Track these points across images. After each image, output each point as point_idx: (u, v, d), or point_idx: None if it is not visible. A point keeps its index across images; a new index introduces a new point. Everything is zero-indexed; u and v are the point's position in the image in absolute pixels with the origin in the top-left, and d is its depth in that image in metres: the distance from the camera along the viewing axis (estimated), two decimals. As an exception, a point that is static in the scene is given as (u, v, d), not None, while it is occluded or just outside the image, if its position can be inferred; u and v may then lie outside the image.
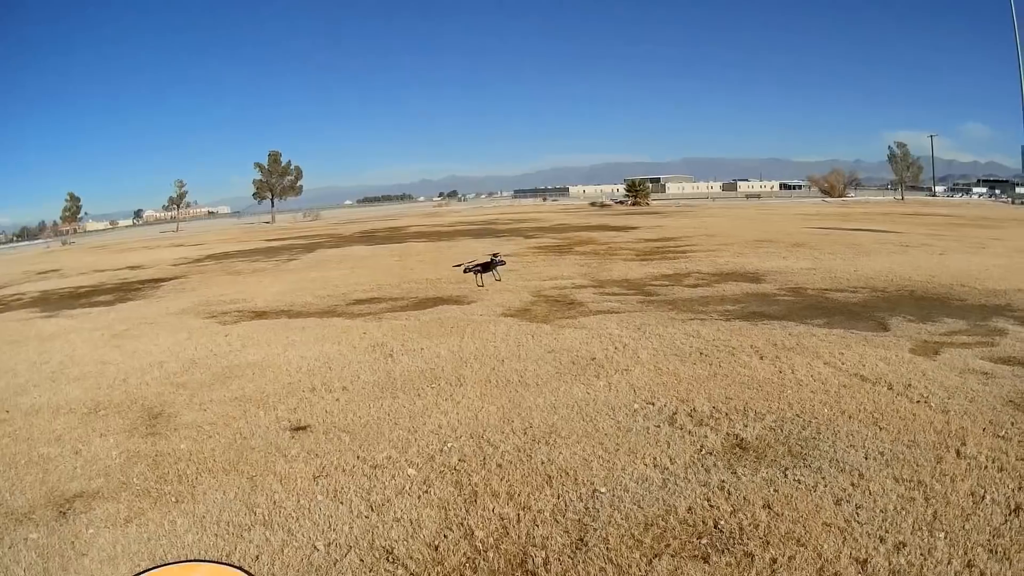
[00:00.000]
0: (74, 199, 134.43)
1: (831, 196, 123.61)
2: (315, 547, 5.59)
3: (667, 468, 6.62)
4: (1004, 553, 5.06)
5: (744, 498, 5.92)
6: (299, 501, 6.46)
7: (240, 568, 1.64)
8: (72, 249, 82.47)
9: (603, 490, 6.24)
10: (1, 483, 7.50)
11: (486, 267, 19.81)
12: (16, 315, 21.49)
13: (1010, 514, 5.60)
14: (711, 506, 5.84)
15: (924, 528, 5.38)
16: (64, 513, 6.61)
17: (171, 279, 28.64)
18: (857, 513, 5.63)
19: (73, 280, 33.09)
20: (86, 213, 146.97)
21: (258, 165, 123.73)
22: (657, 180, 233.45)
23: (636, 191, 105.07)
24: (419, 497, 6.35)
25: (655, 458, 6.87)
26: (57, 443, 8.61)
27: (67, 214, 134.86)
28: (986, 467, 6.44)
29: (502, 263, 19.94)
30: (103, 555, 5.75)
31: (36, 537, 6.16)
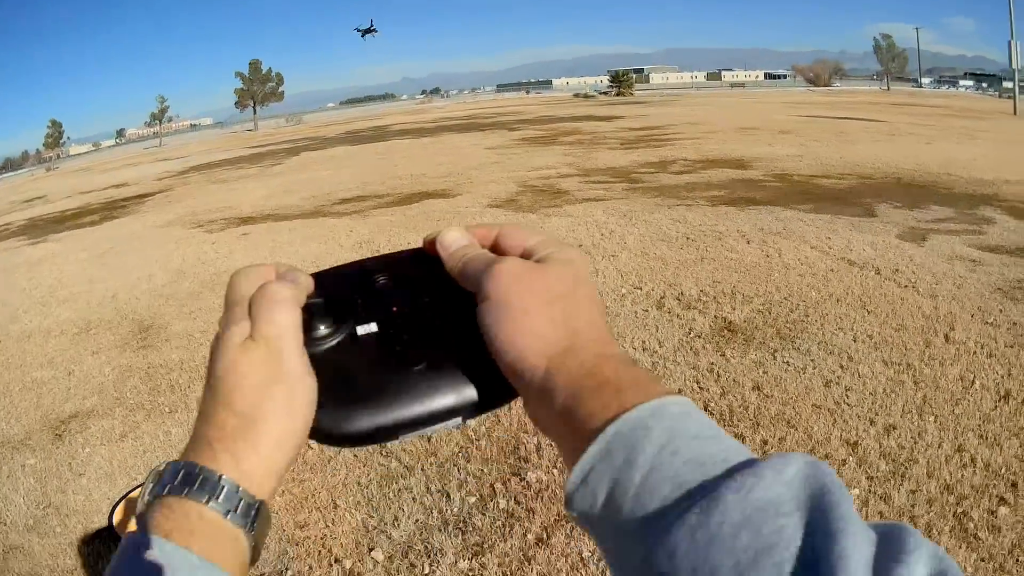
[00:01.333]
0: (56, 125, 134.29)
1: (816, 85, 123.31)
2: (309, 445, 5.54)
3: (656, 351, 6.61)
4: (995, 439, 5.03)
5: (733, 380, 5.89)
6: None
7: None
8: (56, 174, 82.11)
9: None
10: None
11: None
12: (4, 245, 21.30)
13: (999, 400, 5.57)
14: (700, 388, 5.82)
15: (914, 411, 5.35)
16: (60, 435, 6.65)
17: (156, 193, 28.33)
18: (847, 395, 5.60)
19: (59, 204, 32.78)
20: (68, 138, 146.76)
21: (239, 74, 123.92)
22: (641, 71, 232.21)
23: (620, 82, 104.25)
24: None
25: (644, 341, 6.86)
26: (50, 366, 8.61)
27: (49, 140, 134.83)
28: (975, 353, 6.41)
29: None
30: (100, 472, 5.78)
31: (33, 463, 6.18)
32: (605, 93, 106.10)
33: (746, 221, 11.77)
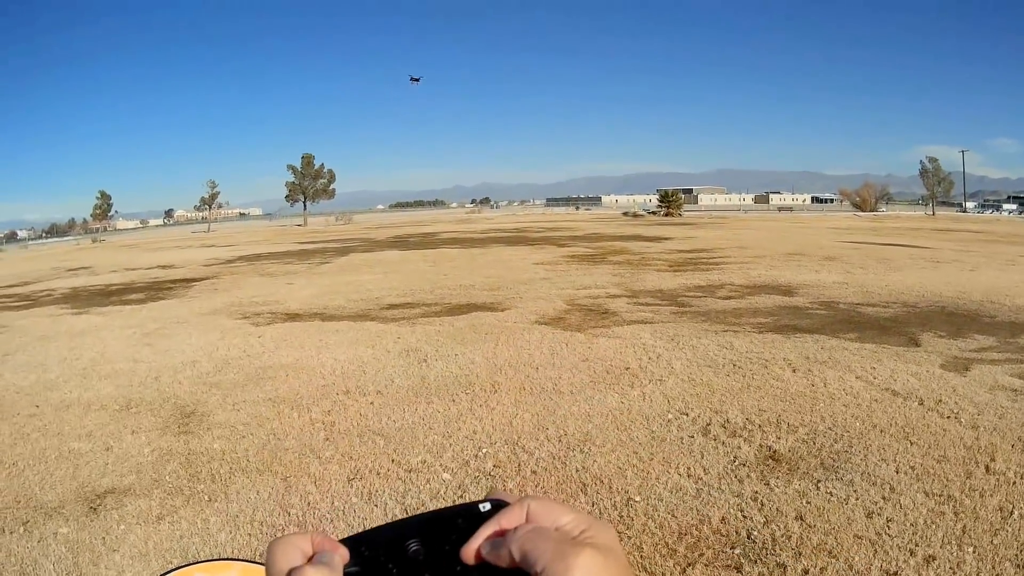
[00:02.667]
0: (105, 197, 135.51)
1: (862, 210, 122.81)
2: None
3: (701, 478, 6.65)
4: (1032, 568, 5.09)
5: (777, 509, 5.95)
6: (333, 503, 6.54)
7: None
8: (102, 247, 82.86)
9: (638, 499, 6.28)
10: (31, 476, 7.58)
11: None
12: (46, 311, 21.58)
13: (1038, 530, 5.61)
14: (744, 516, 5.87)
15: (953, 542, 5.41)
16: (95, 509, 6.66)
17: (203, 279, 28.71)
18: (888, 526, 5.66)
19: (104, 277, 33.25)
20: (116, 211, 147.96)
21: (291, 167, 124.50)
22: (690, 191, 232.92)
23: (668, 201, 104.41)
24: (453, 502, 6.34)
25: (689, 468, 6.90)
26: (88, 439, 8.67)
27: (98, 211, 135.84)
28: (1015, 483, 6.46)
29: None
30: (134, 551, 5.82)
31: (66, 532, 6.22)
32: (654, 212, 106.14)
33: (792, 349, 11.83)
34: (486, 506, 0.86)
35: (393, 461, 7.43)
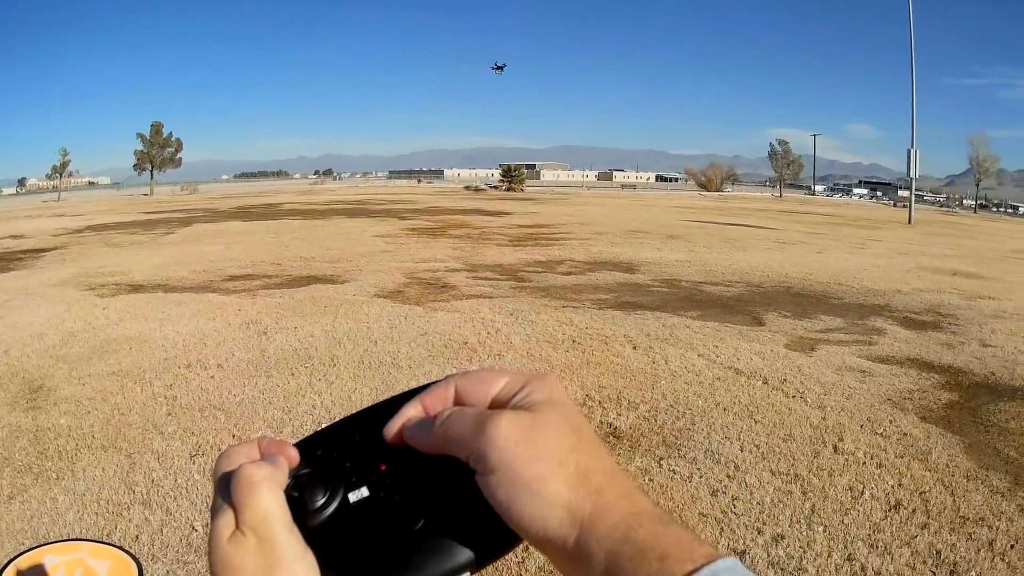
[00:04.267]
0: None
1: (708, 190, 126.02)
2: (193, 527, 5.55)
3: None
4: (885, 548, 5.19)
5: (618, 487, 5.92)
6: (176, 480, 6.42)
7: (121, 548, 1.59)
8: None
9: None
10: None
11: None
12: None
13: (890, 510, 5.77)
14: (586, 495, 5.83)
15: (802, 521, 5.49)
16: None
17: (52, 249, 27.86)
18: (734, 504, 5.72)
19: None
20: None
21: (140, 135, 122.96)
22: (533, 166, 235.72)
23: (511, 176, 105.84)
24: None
25: None
26: None
27: None
28: (864, 463, 6.63)
29: None
30: None
31: None
32: (496, 187, 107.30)
33: (633, 326, 11.99)
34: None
35: (234, 436, 7.39)
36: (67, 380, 9.48)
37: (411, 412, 0.80)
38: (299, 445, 0.81)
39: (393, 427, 0.80)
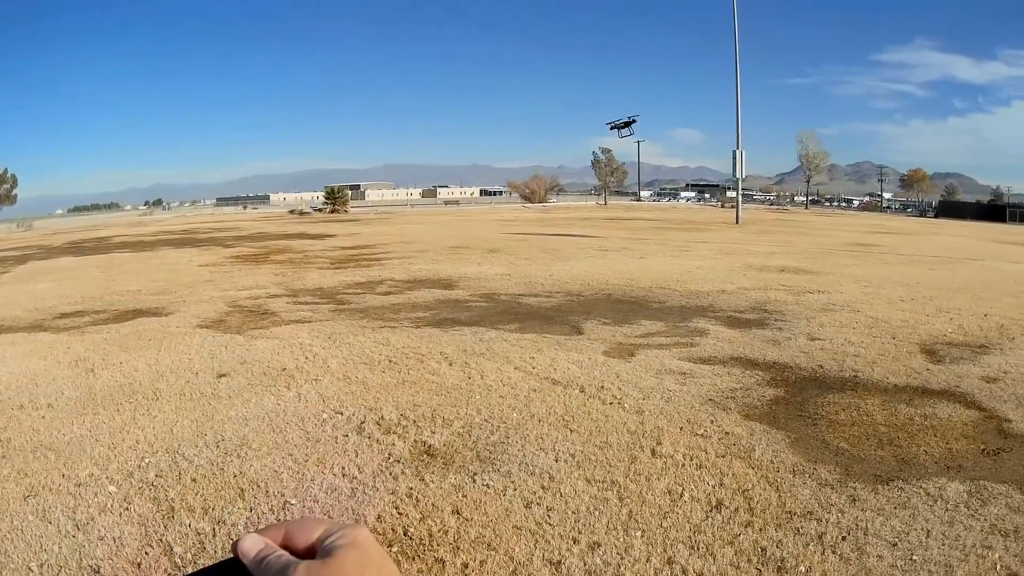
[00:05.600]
0: None
1: (532, 202, 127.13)
2: (30, 568, 5.46)
3: (355, 477, 6.69)
4: (707, 549, 5.31)
5: (433, 504, 6.00)
6: (12, 522, 6.28)
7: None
8: None
9: (293, 501, 6.30)
10: None
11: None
12: None
13: (711, 510, 5.90)
14: (400, 514, 5.90)
15: (619, 527, 5.58)
16: None
17: None
18: (548, 515, 5.78)
19: None
20: None
21: None
22: (357, 187, 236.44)
23: (335, 198, 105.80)
24: (120, 514, 6.24)
25: (343, 467, 6.93)
26: None
27: None
28: (683, 465, 6.76)
29: None
30: None
31: None
32: (320, 210, 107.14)
33: (449, 342, 12.09)
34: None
35: (63, 476, 7.25)
36: None
37: (251, 540, 0.92)
38: None
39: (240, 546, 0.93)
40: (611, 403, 8.61)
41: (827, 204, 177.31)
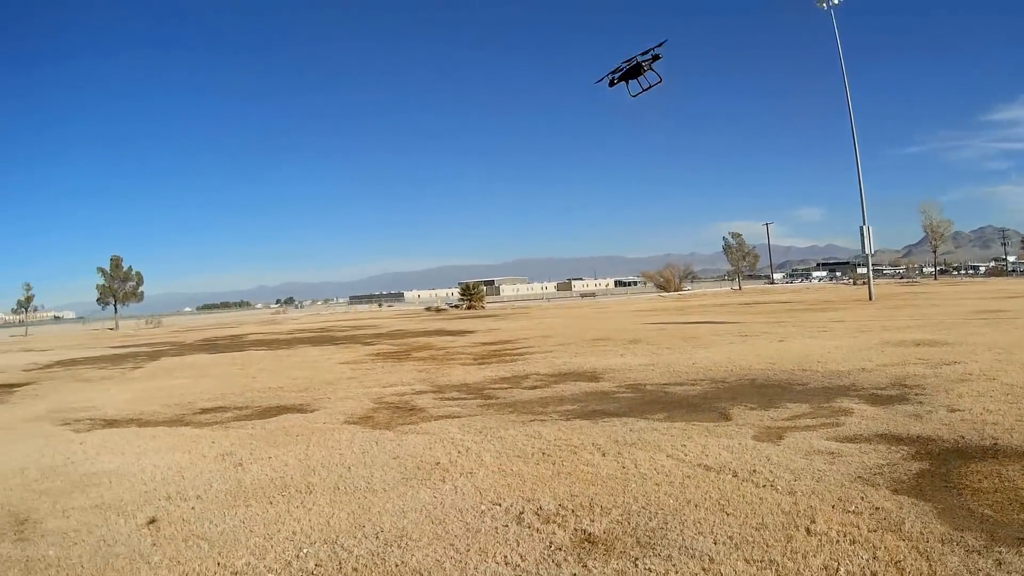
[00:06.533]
0: None
1: (667, 290, 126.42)
2: None
3: (519, 565, 6.74)
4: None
5: (598, 590, 6.05)
6: None
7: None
8: None
9: None
10: None
11: (633, 72, 18.90)
12: None
13: (866, 584, 5.89)
14: (556, 601, 5.94)
15: (778, 605, 5.63)
16: None
17: (24, 384, 28.18)
18: (710, 597, 5.83)
19: None
20: None
21: (100, 270, 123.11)
22: (491, 282, 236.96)
23: (471, 294, 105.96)
24: None
25: (506, 556, 6.99)
26: None
27: None
28: (838, 541, 6.76)
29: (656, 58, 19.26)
30: None
31: None
32: (456, 306, 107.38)
33: (600, 433, 12.06)
34: None
35: (219, 564, 7.39)
36: (51, 513, 9.56)
37: None
38: None
39: None
40: (764, 486, 8.60)
41: (955, 273, 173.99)
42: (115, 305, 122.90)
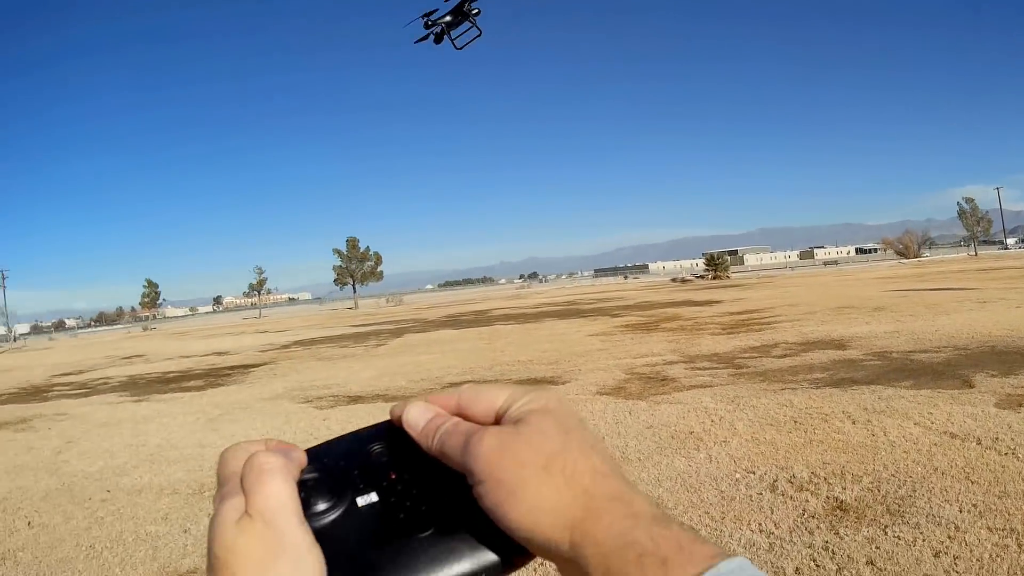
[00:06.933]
0: (152, 285, 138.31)
1: (906, 257, 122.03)
2: None
3: (772, 532, 6.76)
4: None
5: (848, 556, 6.05)
6: None
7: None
8: (153, 335, 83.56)
9: None
10: (110, 558, 7.68)
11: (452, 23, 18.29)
12: (104, 399, 22.01)
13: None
14: (817, 566, 5.96)
15: (1019, 573, 5.49)
16: None
17: (261, 365, 28.99)
18: (955, 563, 5.74)
19: (159, 365, 33.92)
20: (164, 299, 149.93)
21: (337, 251, 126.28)
22: (735, 252, 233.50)
23: (715, 265, 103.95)
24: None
25: (760, 524, 7.00)
26: (164, 522, 8.80)
27: (146, 300, 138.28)
28: (1080, 509, 6.50)
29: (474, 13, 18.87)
30: None
31: None
32: (701, 276, 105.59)
33: (850, 401, 11.85)
34: None
35: None
36: None
37: (419, 408, 0.81)
38: (308, 451, 0.80)
39: (396, 410, 0.83)
40: (1006, 454, 8.32)
41: None
42: (353, 285, 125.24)
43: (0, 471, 12.50)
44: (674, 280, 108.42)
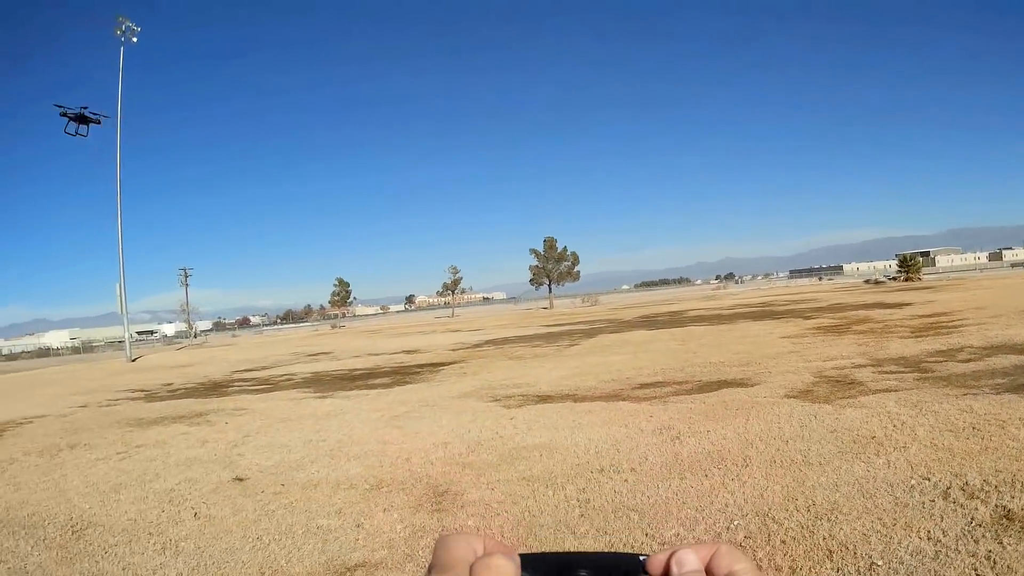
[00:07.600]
0: (343, 284, 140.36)
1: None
2: None
3: (939, 540, 6.65)
4: None
5: (1008, 566, 5.96)
6: None
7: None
8: (342, 332, 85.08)
9: (880, 563, 6.32)
10: (277, 550, 7.81)
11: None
12: (287, 395, 22.49)
13: None
14: (977, 575, 5.93)
15: None
16: None
17: (450, 363, 29.10)
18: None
19: (346, 362, 34.49)
20: (355, 298, 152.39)
21: (533, 251, 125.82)
22: (927, 254, 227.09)
23: (908, 266, 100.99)
24: None
25: (929, 531, 6.90)
26: (337, 516, 8.88)
27: (336, 298, 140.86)
28: None
29: None
30: None
31: None
32: (894, 278, 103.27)
33: (1029, 408, 11.43)
34: (643, 557, 0.86)
35: (646, 535, 7.49)
36: (474, 485, 9.75)
37: (693, 556, 0.81)
38: (521, 556, 0.81)
39: (660, 560, 0.82)
40: None
41: None
42: (549, 285, 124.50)
43: (171, 463, 12.97)
44: (867, 281, 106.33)
